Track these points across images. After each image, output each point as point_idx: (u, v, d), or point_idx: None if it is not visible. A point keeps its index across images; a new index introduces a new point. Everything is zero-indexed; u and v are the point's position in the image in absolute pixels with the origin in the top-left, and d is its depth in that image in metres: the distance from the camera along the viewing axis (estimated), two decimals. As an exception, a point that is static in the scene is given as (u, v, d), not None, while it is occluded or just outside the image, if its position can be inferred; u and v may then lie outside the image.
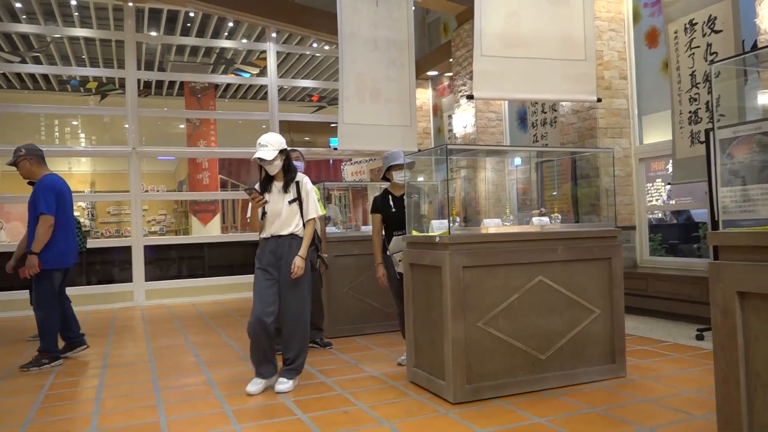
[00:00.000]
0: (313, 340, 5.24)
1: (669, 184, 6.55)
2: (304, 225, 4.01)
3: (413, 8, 6.98)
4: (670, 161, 6.26)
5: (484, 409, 3.36)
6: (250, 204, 3.95)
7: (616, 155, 6.41)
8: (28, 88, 14.02)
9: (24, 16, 10.16)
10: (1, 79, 13.36)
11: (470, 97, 5.23)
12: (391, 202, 4.58)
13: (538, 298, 3.69)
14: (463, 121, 9.02)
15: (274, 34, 10.59)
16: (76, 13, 10.35)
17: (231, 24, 10.98)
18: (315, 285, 5.18)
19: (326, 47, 11.27)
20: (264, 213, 3.93)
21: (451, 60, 9.32)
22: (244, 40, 11.48)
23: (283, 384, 3.88)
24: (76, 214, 16.45)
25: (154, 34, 11.22)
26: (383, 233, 4.62)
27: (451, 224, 3.62)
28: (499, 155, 7.33)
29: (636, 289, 5.98)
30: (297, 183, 3.98)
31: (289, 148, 4.06)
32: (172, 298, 9.53)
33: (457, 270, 3.46)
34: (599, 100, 5.75)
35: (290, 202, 3.92)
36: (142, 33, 10.86)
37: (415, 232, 4.02)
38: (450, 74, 10.01)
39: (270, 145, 3.85)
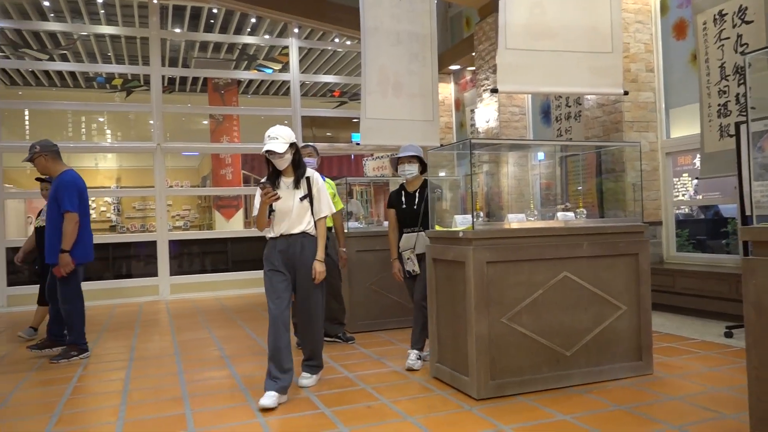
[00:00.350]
0: (335, 334, 5.25)
1: (697, 178, 6.42)
2: (314, 223, 3.82)
3: (435, 1, 6.94)
4: (698, 155, 6.14)
5: (508, 406, 3.33)
6: (256, 200, 3.72)
7: (642, 149, 6.30)
8: (56, 86, 14.26)
9: (52, 15, 10.33)
10: (30, 77, 13.61)
11: (494, 91, 5.18)
12: (403, 198, 4.45)
13: (562, 294, 3.65)
14: (485, 115, 8.95)
15: (296, 30, 10.62)
16: (102, 11, 10.49)
17: (253, 20, 11.03)
18: (335, 281, 5.18)
19: (348, 42, 11.26)
20: (272, 210, 3.69)
21: (473, 54, 9.25)
22: (267, 36, 11.52)
23: (307, 379, 3.89)
24: (102, 209, 16.68)
25: (178, 30, 11.33)
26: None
27: (474, 219, 3.59)
28: (523, 150, 7.26)
29: (662, 285, 5.88)
30: (308, 179, 3.79)
31: (302, 144, 4.04)
32: (196, 292, 9.65)
33: (480, 265, 3.44)
34: (626, 93, 5.65)
35: (301, 199, 3.72)
36: (166, 30, 10.97)
37: (438, 227, 4.00)
38: (472, 68, 9.94)
39: (280, 138, 3.62)
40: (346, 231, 5.57)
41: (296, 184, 3.73)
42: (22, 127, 14.06)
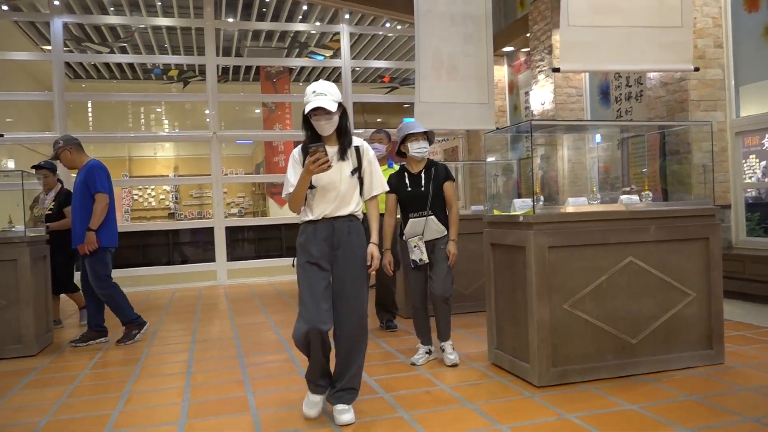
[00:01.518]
0: (381, 320, 5.26)
1: (769, 159, 6.08)
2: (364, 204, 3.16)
3: (490, -19, 6.79)
4: (770, 135, 5.82)
5: (571, 394, 3.25)
6: (290, 173, 2.97)
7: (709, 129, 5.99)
8: (116, 78, 14.75)
9: (112, 9, 10.64)
10: (92, 70, 14.11)
11: (556, 70, 5.00)
12: (407, 180, 3.98)
13: (628, 280, 3.52)
14: (540, 97, 8.72)
15: (347, 16, 10.60)
16: (159, 3, 10.74)
17: (305, 7, 11.07)
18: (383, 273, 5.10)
19: (399, 26, 11.17)
20: (311, 186, 2.95)
21: (528, 35, 9.01)
22: (318, 23, 11.55)
23: (346, 413, 2.96)
24: (161, 197, 17.15)
25: (231, 20, 11.49)
26: (397, 215, 4.07)
27: (534, 203, 3.50)
28: (583, 132, 7.04)
29: (731, 271, 5.60)
30: (357, 149, 3.05)
31: (374, 129, 3.89)
32: (252, 277, 9.84)
33: (542, 250, 3.35)
34: (697, 70, 5.35)
35: (352, 173, 3.00)
36: (220, 20, 11.14)
37: (496, 212, 3.92)
38: (527, 50, 9.69)
39: (329, 94, 2.89)
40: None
41: (341, 155, 2.99)
42: (86, 118, 14.61)
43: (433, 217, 3.90)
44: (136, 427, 3.07)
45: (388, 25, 11.24)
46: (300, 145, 3.01)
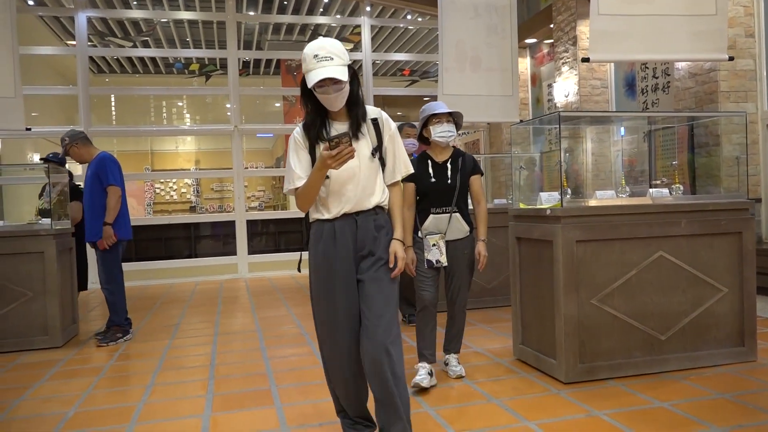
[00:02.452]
0: (404, 314, 5.22)
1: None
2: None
3: (514, -29, 6.69)
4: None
5: (599, 390, 3.19)
6: (293, 161, 2.37)
7: (740, 121, 5.84)
8: (139, 72, 14.85)
9: (134, 3, 10.71)
10: (114, 64, 14.24)
11: (585, 60, 4.88)
12: (431, 170, 3.49)
13: (657, 275, 3.45)
14: (564, 89, 8.59)
15: (368, 8, 10.54)
16: (181, -3, 10.78)
17: (326, 0, 11.03)
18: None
19: (420, 19, 11.08)
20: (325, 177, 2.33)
21: (551, 26, 8.88)
22: (338, 16, 11.50)
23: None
24: (183, 191, 17.20)
25: (252, 13, 11.49)
26: (416, 208, 3.52)
27: (562, 196, 3.44)
28: (609, 124, 6.91)
29: (762, 267, 5.45)
30: (375, 122, 2.41)
31: (406, 123, 3.62)
32: (273, 270, 9.87)
33: (569, 244, 3.29)
34: (731, 59, 5.20)
35: (373, 153, 2.38)
36: (241, 13, 11.15)
37: (522, 205, 3.86)
38: (550, 41, 9.55)
39: (336, 56, 2.22)
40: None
41: (356, 132, 2.36)
42: (109, 112, 14.75)
43: (458, 214, 3.47)
44: (160, 419, 3.08)
45: (409, 17, 11.15)
46: (300, 125, 2.40)
